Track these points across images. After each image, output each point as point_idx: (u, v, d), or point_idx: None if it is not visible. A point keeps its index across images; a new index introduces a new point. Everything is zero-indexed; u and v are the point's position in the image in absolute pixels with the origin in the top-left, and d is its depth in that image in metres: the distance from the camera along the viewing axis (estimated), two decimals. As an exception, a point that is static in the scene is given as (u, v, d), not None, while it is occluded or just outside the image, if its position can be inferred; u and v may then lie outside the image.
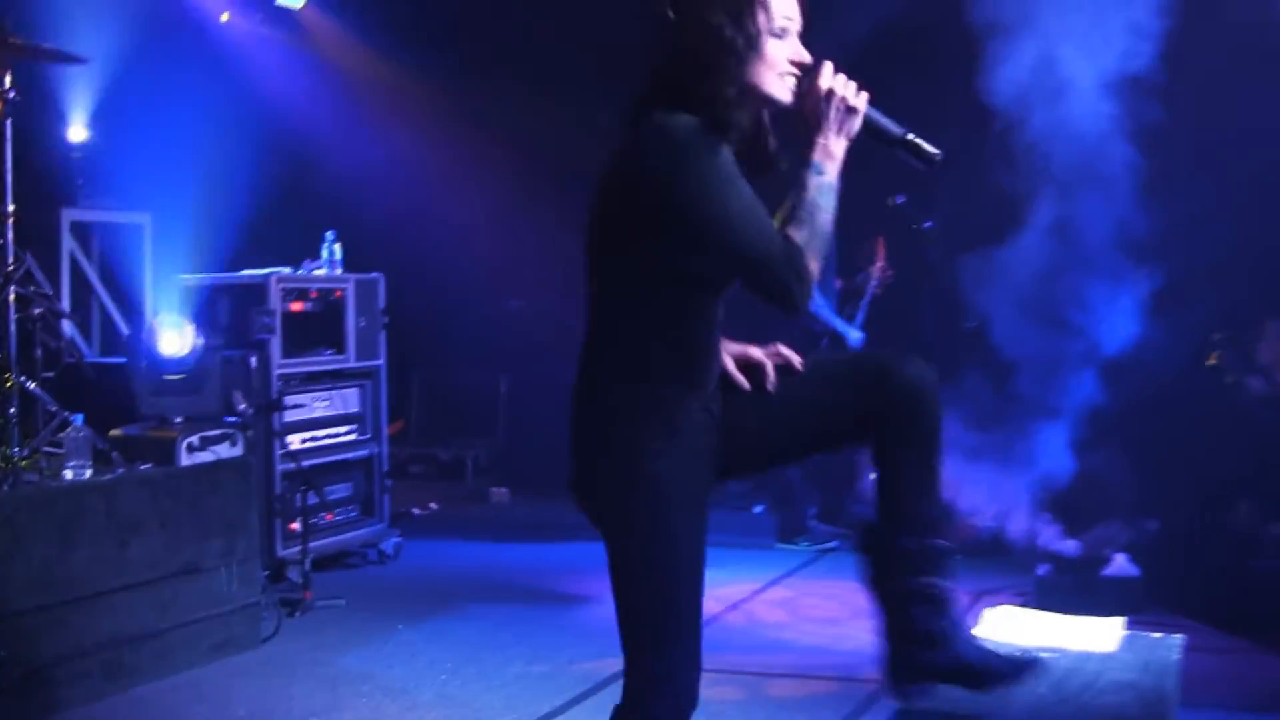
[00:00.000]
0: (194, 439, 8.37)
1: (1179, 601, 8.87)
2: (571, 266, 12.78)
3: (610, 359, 4.05)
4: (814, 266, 3.86)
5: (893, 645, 4.19)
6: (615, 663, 7.54)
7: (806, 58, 4.02)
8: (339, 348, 10.47)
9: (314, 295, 10.27)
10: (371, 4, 13.77)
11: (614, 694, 7.10)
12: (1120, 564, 9.13)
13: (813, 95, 3.99)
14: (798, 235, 3.85)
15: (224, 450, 8.53)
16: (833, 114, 3.98)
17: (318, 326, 10.34)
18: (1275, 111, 9.23)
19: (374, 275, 10.86)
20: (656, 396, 3.97)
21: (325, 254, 10.58)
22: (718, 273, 3.97)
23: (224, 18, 13.01)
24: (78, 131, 11.16)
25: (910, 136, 4.11)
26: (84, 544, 7.08)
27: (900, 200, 11.16)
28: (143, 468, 7.87)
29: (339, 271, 10.59)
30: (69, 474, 7.40)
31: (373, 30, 13.92)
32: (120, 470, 7.71)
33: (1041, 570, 9.16)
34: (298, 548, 9.19)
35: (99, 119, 11.30)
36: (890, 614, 4.20)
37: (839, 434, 4.30)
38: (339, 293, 10.46)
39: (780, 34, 3.98)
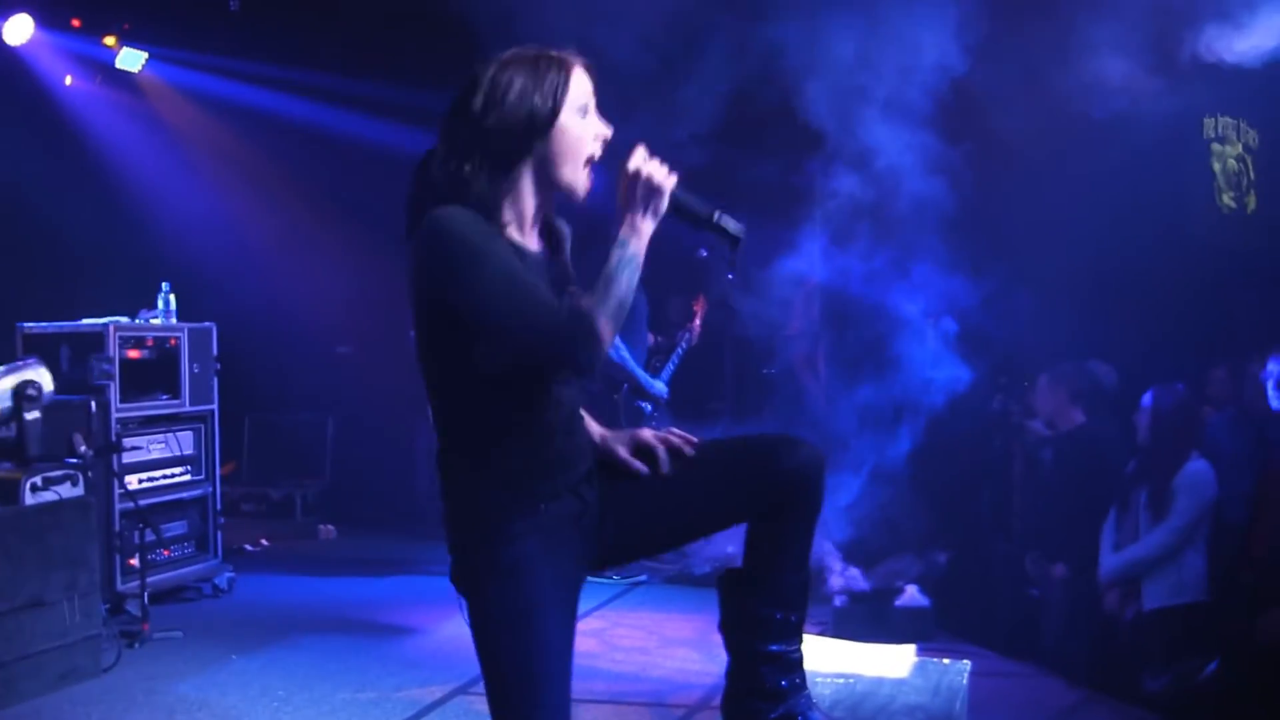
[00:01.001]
0: (37, 479, 8.39)
1: (966, 629, 9.26)
2: (393, 315, 13.08)
3: (453, 455, 4.04)
4: (604, 328, 3.71)
5: (734, 691, 4.27)
6: (438, 690, 8.02)
7: (608, 132, 4.04)
8: (174, 393, 10.59)
9: (150, 343, 10.38)
10: (204, 65, 13.92)
11: (438, 717, 7.51)
12: (911, 595, 9.47)
13: (622, 176, 3.92)
14: (585, 300, 3.73)
15: (66, 490, 8.55)
16: (639, 193, 3.90)
17: (154, 373, 10.45)
18: (1074, 187, 9.57)
19: (207, 324, 10.97)
20: (502, 486, 3.95)
21: (161, 304, 10.67)
22: (498, 359, 3.85)
23: (67, 80, 13.22)
24: (-81, 188, 11.31)
25: (716, 217, 4.09)
26: (-68, 579, 7.19)
27: (704, 254, 11.49)
28: (-12, 507, 7.93)
29: (174, 320, 10.68)
30: (-83, 513, 7.42)
31: (206, 91, 14.08)
32: (-33, 510, 7.76)
33: (838, 602, 9.45)
34: (136, 582, 9.36)
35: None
36: (739, 663, 4.26)
37: (730, 515, 4.25)
38: (174, 341, 10.58)
39: (581, 112, 3.99)
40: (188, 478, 10.83)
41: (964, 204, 9.35)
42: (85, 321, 10.19)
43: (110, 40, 13.21)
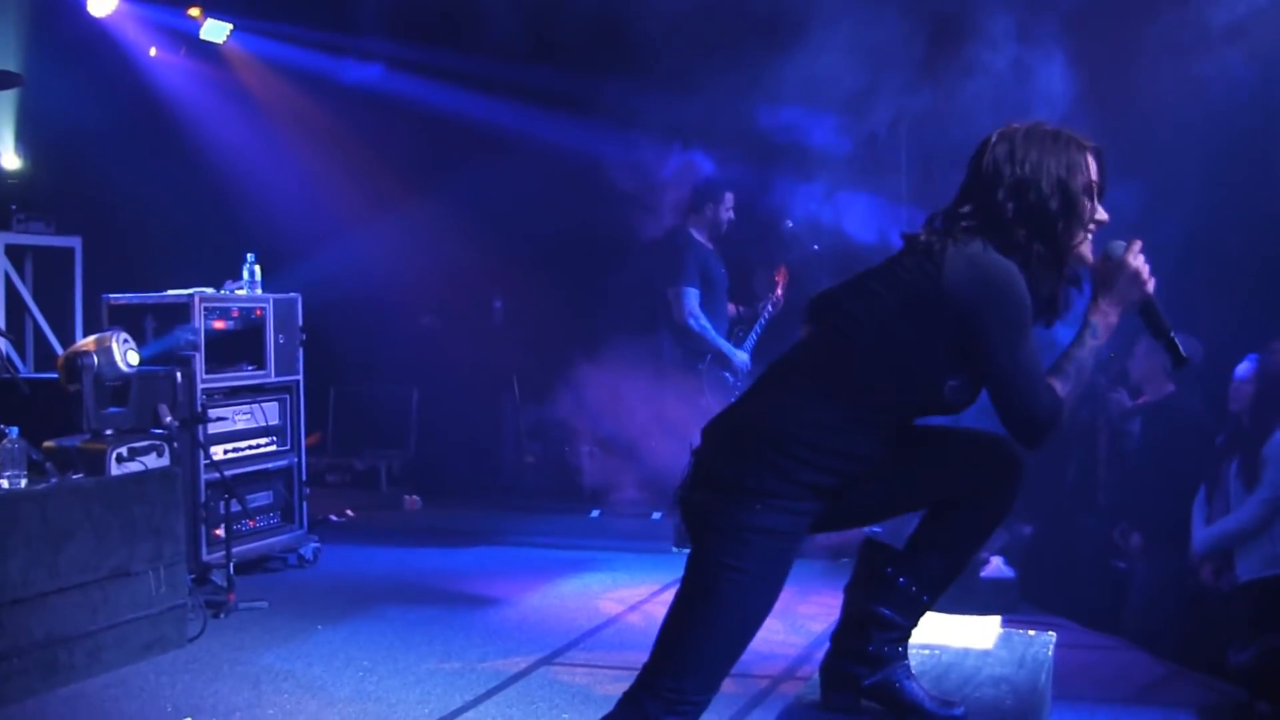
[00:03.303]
0: (123, 450, 8.43)
1: (1051, 601, 9.24)
2: (475, 288, 13.05)
3: (814, 411, 4.04)
4: (1063, 418, 4.00)
5: (837, 653, 4.33)
6: (522, 661, 8.01)
7: (1106, 218, 4.16)
8: (259, 363, 10.64)
9: (235, 314, 10.43)
10: (288, 36, 13.95)
11: (522, 690, 7.59)
12: (997, 566, 9.49)
13: (1113, 264, 4.15)
14: (1061, 389, 4.00)
15: (151, 460, 8.59)
16: (1124, 286, 4.13)
17: (239, 343, 10.50)
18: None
19: (292, 295, 11.03)
20: (831, 469, 4.04)
21: (246, 275, 10.68)
22: (971, 400, 4.08)
23: (152, 51, 13.29)
24: (10, 159, 11.38)
25: (1173, 335, 4.25)
26: (19, 549, 7.28)
27: (791, 225, 11.47)
28: (74, 477, 8.00)
29: (259, 291, 10.71)
30: (4, 483, 7.51)
31: (290, 62, 14.11)
32: (53, 480, 7.87)
33: (922, 571, 9.44)
34: (222, 552, 9.42)
35: (32, 148, 11.53)
36: (849, 624, 4.31)
37: (927, 501, 4.34)
38: (259, 311, 10.61)
39: (1095, 196, 4.14)
40: (273, 448, 10.88)
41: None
42: (170, 293, 10.22)
43: (194, 11, 13.28)
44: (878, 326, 4.05)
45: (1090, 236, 4.14)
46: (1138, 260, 4.13)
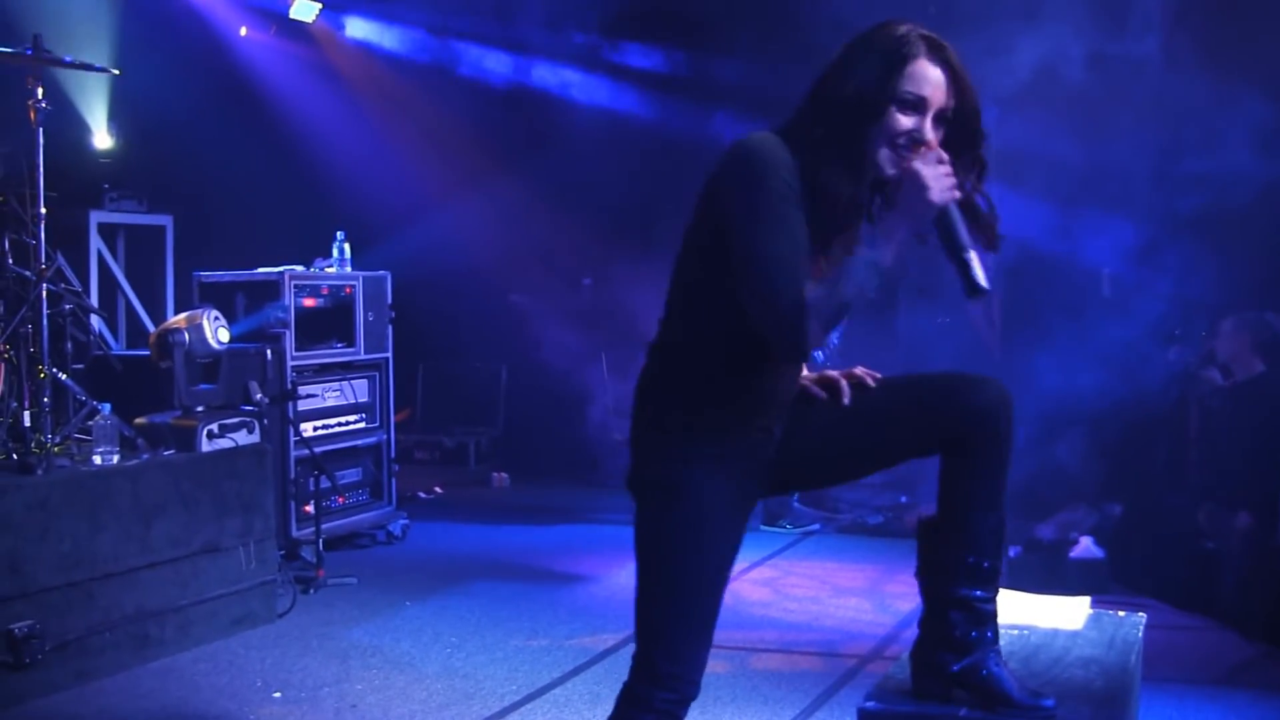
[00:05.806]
0: (214, 426, 8.49)
1: (1140, 582, 9.14)
2: (565, 264, 13.08)
3: (672, 365, 4.07)
4: (814, 328, 3.71)
5: (924, 641, 4.19)
6: (610, 638, 8.00)
7: (926, 137, 3.85)
8: (349, 341, 10.71)
9: (325, 292, 10.50)
10: (379, 13, 14.04)
11: (609, 667, 7.58)
12: (1086, 546, 9.39)
13: (906, 172, 3.78)
14: (812, 294, 3.68)
15: (242, 437, 8.67)
16: (909, 195, 3.75)
17: (329, 321, 10.59)
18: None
19: (381, 273, 11.08)
20: (700, 411, 4.00)
21: (335, 253, 10.77)
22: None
23: (242, 31, 13.36)
24: (103, 139, 11.47)
25: (969, 257, 3.84)
26: (111, 524, 7.34)
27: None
28: (166, 453, 8.06)
29: (348, 269, 10.80)
30: (98, 459, 7.59)
31: (379, 41, 14.18)
32: (145, 455, 7.93)
33: (1012, 552, 9.32)
34: (311, 528, 9.51)
35: (124, 128, 11.61)
36: (930, 611, 4.18)
37: (907, 451, 4.21)
38: (349, 289, 10.69)
39: (908, 104, 3.85)
40: (362, 425, 10.94)
41: (1138, 153, 9.17)
42: (260, 270, 10.27)
43: (284, -9, 13.34)
44: (686, 242, 4.05)
45: (902, 152, 3.83)
46: (927, 169, 3.75)
